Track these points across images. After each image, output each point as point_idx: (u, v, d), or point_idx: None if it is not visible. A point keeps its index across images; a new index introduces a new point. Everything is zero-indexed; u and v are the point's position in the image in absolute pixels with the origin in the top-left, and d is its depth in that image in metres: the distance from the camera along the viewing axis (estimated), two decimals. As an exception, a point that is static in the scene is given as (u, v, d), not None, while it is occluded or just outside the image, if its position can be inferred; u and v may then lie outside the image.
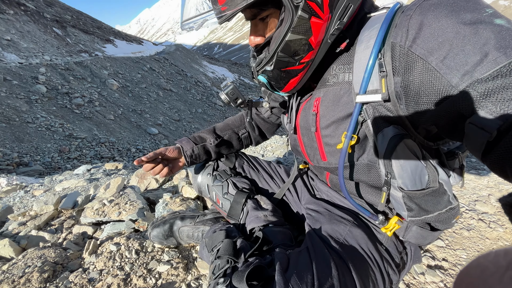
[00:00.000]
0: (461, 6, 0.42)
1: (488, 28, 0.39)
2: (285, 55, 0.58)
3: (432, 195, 0.58)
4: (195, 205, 1.16)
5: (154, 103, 11.88)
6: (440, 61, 0.42)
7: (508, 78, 0.35)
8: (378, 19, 0.53)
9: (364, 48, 0.54)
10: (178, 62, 17.61)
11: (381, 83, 0.51)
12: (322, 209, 0.78)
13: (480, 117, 0.37)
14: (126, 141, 8.30)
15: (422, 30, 0.44)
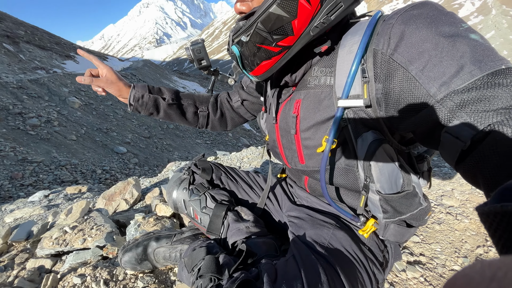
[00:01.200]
0: (440, 19, 0.44)
1: (464, 42, 0.41)
2: (264, 29, 0.53)
3: (405, 198, 0.60)
4: (171, 223, 1.08)
5: (122, 121, 11.28)
6: (419, 70, 0.43)
7: (482, 90, 0.37)
8: (361, 25, 0.54)
9: (347, 53, 0.54)
10: (146, 78, 17.13)
11: (363, 88, 0.52)
12: (304, 215, 0.77)
13: (455, 127, 0.38)
14: (91, 162, 7.69)
15: (403, 39, 0.46)
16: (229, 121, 1.02)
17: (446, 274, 0.84)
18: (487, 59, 0.39)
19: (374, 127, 0.55)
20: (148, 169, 8.35)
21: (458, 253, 0.92)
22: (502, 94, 0.36)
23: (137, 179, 1.97)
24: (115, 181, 6.88)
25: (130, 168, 8.06)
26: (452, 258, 0.90)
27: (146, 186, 2.27)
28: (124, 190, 1.86)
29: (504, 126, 0.34)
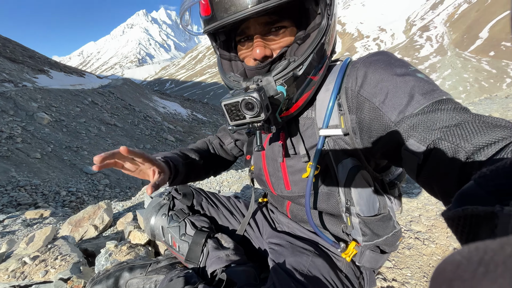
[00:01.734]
0: (393, 63, 0.56)
1: (413, 79, 0.51)
2: (316, 59, 0.59)
3: (382, 221, 0.66)
4: (146, 252, 1.03)
5: (95, 139, 10.72)
6: (381, 102, 0.53)
7: (428, 114, 0.46)
8: (335, 68, 0.65)
9: (325, 91, 0.64)
10: (125, 96, 16.79)
11: (340, 119, 0.61)
12: (284, 242, 0.79)
13: (411, 144, 0.46)
14: (55, 182, 7.07)
15: (366, 79, 0.56)
16: (226, 163, 1.03)
17: (417, 300, 0.88)
18: (432, 91, 0.49)
19: (353, 154, 0.63)
20: (120, 191, 7.84)
21: (426, 277, 0.97)
22: (443, 117, 0.44)
23: (109, 203, 1.87)
24: (81, 204, 6.33)
25: (100, 190, 7.51)
26: (421, 282, 0.95)
27: (118, 211, 2.14)
28: (94, 215, 1.74)
29: (443, 141, 0.41)
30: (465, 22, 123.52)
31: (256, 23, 0.60)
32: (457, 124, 0.41)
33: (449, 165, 0.38)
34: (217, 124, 18.06)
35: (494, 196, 0.23)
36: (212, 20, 0.57)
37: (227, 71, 0.69)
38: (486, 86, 58.78)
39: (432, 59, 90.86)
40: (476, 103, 5.79)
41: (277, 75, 0.57)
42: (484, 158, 0.34)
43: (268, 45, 0.61)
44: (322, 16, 0.59)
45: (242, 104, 0.53)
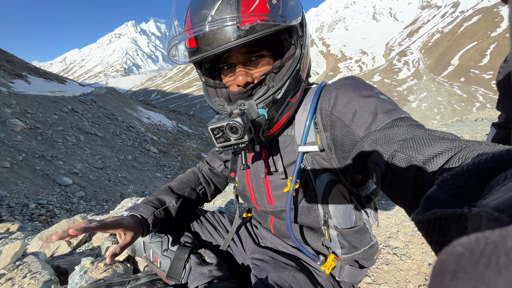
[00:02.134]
0: (360, 86, 0.63)
1: (376, 100, 0.58)
2: (292, 84, 0.66)
3: (358, 233, 0.71)
4: (124, 269, 0.99)
5: (72, 148, 10.22)
6: (350, 120, 0.59)
7: (389, 130, 0.52)
8: (312, 90, 0.73)
9: (302, 111, 0.70)
10: (108, 106, 16.35)
11: (316, 137, 0.67)
12: (267, 257, 0.80)
13: (375, 157, 0.51)
14: (24, 194, 6.57)
15: (337, 100, 0.63)
16: (220, 186, 1.05)
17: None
18: (392, 110, 0.56)
19: (329, 169, 0.68)
20: (96, 204, 7.42)
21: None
22: (400, 131, 0.50)
23: (85, 217, 1.78)
24: (51, 218, 5.90)
25: (74, 203, 7.07)
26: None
27: (94, 225, 2.04)
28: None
29: (399, 153, 0.45)
30: (438, 50, 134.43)
31: (238, 53, 0.66)
32: (411, 138, 0.46)
33: (404, 174, 0.43)
34: (202, 136, 17.91)
35: (455, 198, 0.25)
36: (197, 52, 0.63)
37: (212, 95, 0.75)
38: (458, 109, 63.29)
39: (410, 82, 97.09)
40: (449, 124, 6.22)
41: (259, 99, 0.64)
42: (434, 167, 0.39)
43: (248, 72, 0.67)
44: (296, 46, 0.67)
45: (227, 128, 0.58)
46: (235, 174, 0.87)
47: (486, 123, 5.47)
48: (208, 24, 0.57)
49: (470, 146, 0.37)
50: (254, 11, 0.57)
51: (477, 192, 0.24)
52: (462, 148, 0.38)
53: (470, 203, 0.24)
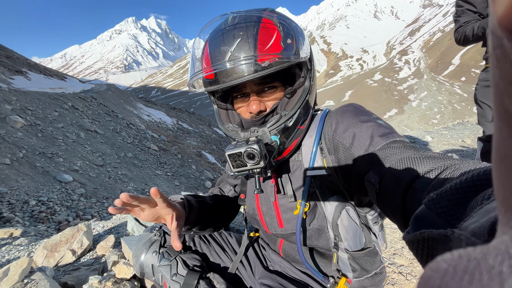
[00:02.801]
0: (359, 112, 0.68)
1: (374, 124, 0.63)
2: (302, 112, 0.71)
3: (369, 255, 0.72)
4: (131, 287, 0.99)
5: (72, 145, 10.20)
6: (350, 143, 0.63)
7: (384, 151, 0.57)
8: (317, 117, 0.77)
9: (309, 137, 0.74)
10: (108, 103, 16.31)
11: (323, 161, 0.69)
12: (276, 284, 0.80)
13: (370, 176, 0.55)
14: (24, 191, 6.56)
15: (338, 125, 0.68)
16: (232, 210, 1.05)
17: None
18: (388, 134, 0.60)
19: (337, 192, 0.69)
20: (96, 202, 7.43)
21: (410, 313, 1.01)
22: (394, 152, 0.54)
23: (89, 225, 1.78)
24: (51, 215, 5.91)
25: (74, 200, 7.08)
26: (405, 319, 0.99)
27: (98, 232, 2.04)
28: (72, 238, 1.65)
29: (389, 173, 0.49)
30: (439, 49, 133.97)
31: (252, 84, 0.71)
32: (401, 159, 0.50)
33: (393, 192, 0.47)
34: (202, 134, 17.90)
35: (442, 217, 0.27)
36: (216, 83, 0.67)
37: (225, 121, 0.78)
38: (459, 109, 63.27)
39: (410, 81, 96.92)
40: (450, 127, 6.21)
41: (271, 127, 0.68)
42: (420, 186, 0.41)
43: (261, 101, 0.72)
44: (305, 78, 0.72)
45: (244, 154, 0.62)
46: (245, 196, 0.89)
47: (487, 127, 5.47)
48: (228, 62, 0.63)
49: (455, 165, 0.40)
50: (269, 49, 0.62)
51: (461, 211, 0.26)
52: (447, 167, 0.40)
53: (455, 222, 0.26)
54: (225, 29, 0.67)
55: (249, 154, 0.61)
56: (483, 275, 0.10)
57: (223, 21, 0.70)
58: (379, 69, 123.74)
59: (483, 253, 0.11)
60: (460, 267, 0.11)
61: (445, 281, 0.11)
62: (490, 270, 0.10)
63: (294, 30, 0.69)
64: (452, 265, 0.11)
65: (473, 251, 0.11)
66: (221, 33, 0.66)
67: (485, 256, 0.11)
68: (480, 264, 0.11)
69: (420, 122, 58.92)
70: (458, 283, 0.11)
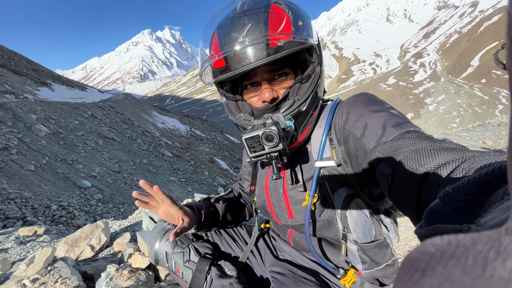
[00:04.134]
0: (371, 101, 0.66)
1: (387, 114, 0.60)
2: (314, 97, 0.70)
3: (379, 248, 0.70)
4: (146, 276, 1.03)
5: (91, 152, 10.65)
6: (361, 134, 0.61)
7: (397, 141, 0.53)
8: (327, 107, 0.75)
9: (318, 127, 0.73)
10: (125, 111, 16.93)
11: (332, 152, 0.68)
12: (286, 271, 0.80)
13: (383, 167, 0.53)
14: (46, 196, 6.90)
15: (349, 115, 0.66)
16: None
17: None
18: (401, 124, 0.57)
19: (347, 184, 0.69)
20: (113, 207, 7.67)
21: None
22: (409, 142, 0.51)
23: (106, 222, 1.85)
24: (71, 220, 6.15)
25: (92, 205, 7.34)
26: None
27: (115, 230, 2.11)
28: (91, 234, 1.72)
29: (403, 165, 0.47)
30: (456, 51, 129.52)
31: (263, 71, 0.70)
32: (416, 150, 0.47)
33: (407, 185, 0.44)
34: (214, 141, 18.12)
35: (457, 212, 0.26)
36: (226, 71, 0.68)
37: (235, 112, 0.78)
38: (479, 112, 60.47)
39: (426, 84, 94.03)
40: (470, 129, 5.96)
41: (286, 112, 0.67)
42: (437, 179, 0.39)
43: (273, 89, 0.71)
44: (316, 63, 0.71)
45: (262, 137, 0.60)
46: (255, 188, 0.90)
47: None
48: (239, 44, 0.63)
49: (474, 157, 0.37)
50: (281, 31, 0.63)
51: (478, 206, 0.24)
52: (465, 159, 0.38)
53: (472, 218, 0.24)
54: (234, 17, 0.67)
55: (268, 135, 0.59)
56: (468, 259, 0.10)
57: (231, 10, 0.70)
58: (393, 73, 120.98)
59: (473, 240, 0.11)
60: (448, 252, 0.11)
61: (431, 264, 0.11)
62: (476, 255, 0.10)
63: (303, 14, 0.69)
64: (440, 250, 0.12)
65: (463, 238, 0.11)
66: (230, 21, 0.66)
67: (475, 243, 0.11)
68: (468, 250, 0.11)
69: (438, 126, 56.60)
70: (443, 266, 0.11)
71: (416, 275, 0.11)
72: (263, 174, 0.86)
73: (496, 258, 0.10)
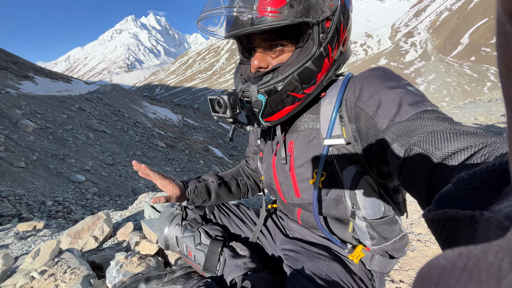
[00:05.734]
0: (387, 77, 0.61)
1: (403, 91, 0.57)
2: (297, 80, 0.66)
3: (388, 224, 0.70)
4: (156, 262, 1.03)
5: (82, 146, 10.43)
6: (375, 112, 0.58)
7: (413, 122, 0.50)
8: (338, 82, 0.71)
9: (328, 103, 0.69)
10: (114, 103, 16.48)
11: (342, 130, 0.66)
12: (298, 248, 0.81)
13: (394, 148, 0.51)
14: (40, 192, 6.78)
15: (362, 91, 0.62)
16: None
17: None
18: (419, 102, 0.54)
19: (355, 161, 0.67)
20: (109, 200, 7.63)
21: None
22: (426, 123, 0.48)
23: (108, 213, 1.83)
24: (68, 214, 6.10)
25: (88, 199, 7.28)
26: (426, 283, 1.00)
27: (117, 221, 2.10)
28: (94, 225, 1.71)
29: (417, 147, 0.45)
30: (446, 29, 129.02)
31: (259, 39, 0.68)
32: (433, 132, 0.45)
33: (420, 168, 0.43)
34: (208, 129, 17.96)
35: (470, 199, 0.24)
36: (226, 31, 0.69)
37: (237, 71, 0.80)
38: (469, 90, 61.35)
39: (417, 64, 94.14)
40: (462, 106, 6.06)
41: (261, 86, 0.67)
42: (454, 164, 0.37)
43: (266, 58, 0.70)
44: (314, 43, 0.65)
45: (215, 102, 0.67)
46: (263, 154, 0.91)
47: (500, 104, 5.31)
48: (225, 9, 0.63)
49: (495, 143, 0.35)
50: (271, 1, 0.59)
51: (494, 194, 0.23)
52: (486, 145, 0.36)
53: (485, 206, 0.23)
54: None
55: (218, 102, 0.66)
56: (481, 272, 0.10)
57: None
58: (384, 53, 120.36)
59: (484, 251, 0.11)
60: (459, 264, 0.11)
61: (443, 278, 0.11)
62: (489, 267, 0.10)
63: None
64: (451, 262, 0.11)
65: (474, 249, 0.11)
66: None
67: (486, 253, 0.10)
68: (479, 261, 0.10)
69: (429, 105, 57.11)
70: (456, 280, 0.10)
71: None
72: (270, 152, 0.85)
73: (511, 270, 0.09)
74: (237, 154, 14.78)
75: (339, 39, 0.68)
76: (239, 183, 1.06)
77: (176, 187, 0.87)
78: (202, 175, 1.01)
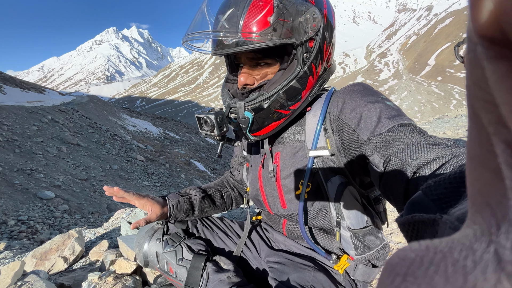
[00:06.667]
0: (367, 92, 0.66)
1: (382, 105, 0.61)
2: (283, 97, 0.68)
3: (371, 233, 0.72)
4: (133, 281, 0.96)
5: (53, 160, 9.77)
6: (356, 124, 0.61)
7: (391, 134, 0.54)
8: (322, 97, 0.74)
9: (312, 116, 0.72)
10: (91, 114, 15.82)
11: (326, 142, 0.69)
12: (283, 259, 0.80)
13: (375, 158, 0.54)
14: (1, 210, 6.17)
15: (344, 105, 0.65)
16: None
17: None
18: (396, 116, 0.58)
19: (339, 172, 0.70)
20: (81, 217, 7.10)
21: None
22: (403, 135, 0.52)
23: (80, 231, 1.71)
24: (33, 234, 5.57)
25: (57, 217, 6.72)
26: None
27: (90, 239, 1.96)
28: (63, 245, 1.58)
29: (394, 157, 0.48)
30: (415, 51, 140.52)
31: (245, 57, 0.70)
32: (408, 143, 0.48)
33: (397, 178, 0.46)
34: (190, 142, 17.66)
35: (436, 204, 0.28)
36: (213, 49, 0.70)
37: (225, 86, 0.81)
38: (437, 107, 66.33)
39: (390, 82, 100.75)
40: (431, 122, 6.50)
41: (247, 103, 0.69)
42: (426, 173, 0.41)
43: (252, 76, 0.72)
44: (298, 62, 0.67)
45: (202, 120, 0.69)
46: (250, 165, 0.91)
47: (465, 120, 5.77)
48: (212, 33, 0.66)
49: (463, 154, 0.40)
50: (255, 24, 0.61)
51: (456, 199, 0.26)
52: (455, 155, 0.40)
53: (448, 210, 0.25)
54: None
55: (205, 121, 0.68)
56: (448, 267, 0.11)
57: None
58: (361, 72, 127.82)
59: (449, 247, 0.11)
60: (427, 258, 0.11)
61: (411, 269, 0.12)
62: (455, 263, 0.11)
63: (298, 7, 0.63)
64: (419, 255, 0.12)
65: (440, 244, 0.12)
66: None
67: (451, 250, 0.11)
68: (446, 257, 0.11)
69: (402, 121, 60.83)
70: (424, 272, 0.11)
71: (397, 280, 0.12)
72: (257, 163, 0.85)
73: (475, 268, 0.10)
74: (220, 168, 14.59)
75: (322, 57, 0.72)
76: (223, 195, 1.04)
77: (156, 205, 0.85)
78: (184, 188, 0.99)
